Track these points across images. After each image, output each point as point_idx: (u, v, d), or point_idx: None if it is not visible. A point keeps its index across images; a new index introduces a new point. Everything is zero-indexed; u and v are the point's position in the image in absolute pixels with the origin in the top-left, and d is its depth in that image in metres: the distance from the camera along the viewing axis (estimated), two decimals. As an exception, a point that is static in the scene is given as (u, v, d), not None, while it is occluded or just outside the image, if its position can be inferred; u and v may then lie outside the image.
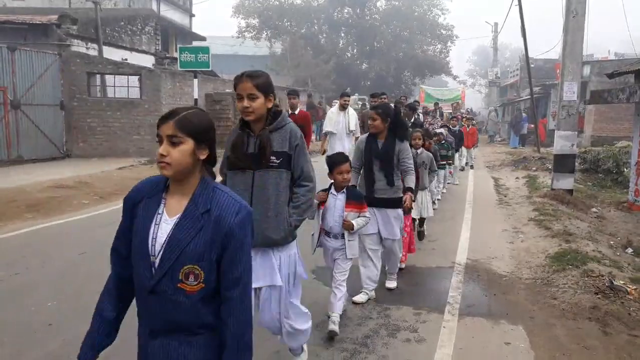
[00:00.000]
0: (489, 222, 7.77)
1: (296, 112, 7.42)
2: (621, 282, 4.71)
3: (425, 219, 6.52)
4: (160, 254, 1.60)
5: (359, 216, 3.72)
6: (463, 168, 13.83)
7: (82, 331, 1.76)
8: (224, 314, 1.63)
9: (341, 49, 36.69)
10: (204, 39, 27.33)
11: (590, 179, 12.74)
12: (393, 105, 5.02)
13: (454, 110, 16.24)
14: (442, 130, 10.19)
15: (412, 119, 10.05)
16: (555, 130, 9.81)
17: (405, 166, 4.26)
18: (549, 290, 4.76)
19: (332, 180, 3.77)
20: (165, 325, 1.63)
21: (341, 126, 8.19)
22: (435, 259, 5.78)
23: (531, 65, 18.32)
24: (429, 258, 5.78)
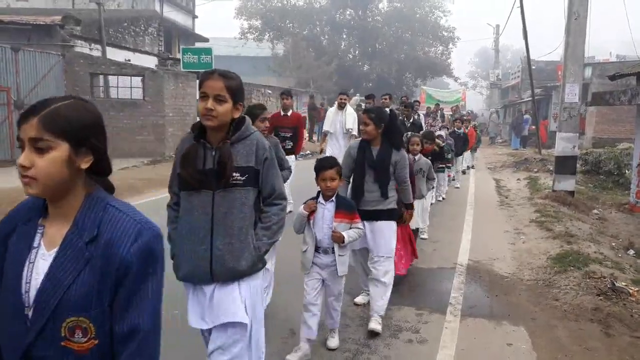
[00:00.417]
0: (490, 224, 7.79)
1: (289, 114, 6.96)
2: (623, 284, 4.71)
3: (419, 230, 6.20)
4: (33, 304, 1.16)
5: (351, 227, 3.29)
6: (464, 171, 13.76)
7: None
8: None
9: (343, 51, 36.72)
10: (206, 40, 27.46)
11: (591, 180, 12.73)
12: (388, 110, 4.86)
13: (454, 113, 16.23)
14: (442, 132, 10.20)
15: (412, 119, 10.07)
16: (557, 132, 9.82)
17: (401, 178, 3.86)
18: (551, 292, 4.77)
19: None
20: None
21: (338, 125, 8.21)
22: (437, 260, 5.79)
23: (533, 67, 18.32)
24: (430, 259, 5.80)
